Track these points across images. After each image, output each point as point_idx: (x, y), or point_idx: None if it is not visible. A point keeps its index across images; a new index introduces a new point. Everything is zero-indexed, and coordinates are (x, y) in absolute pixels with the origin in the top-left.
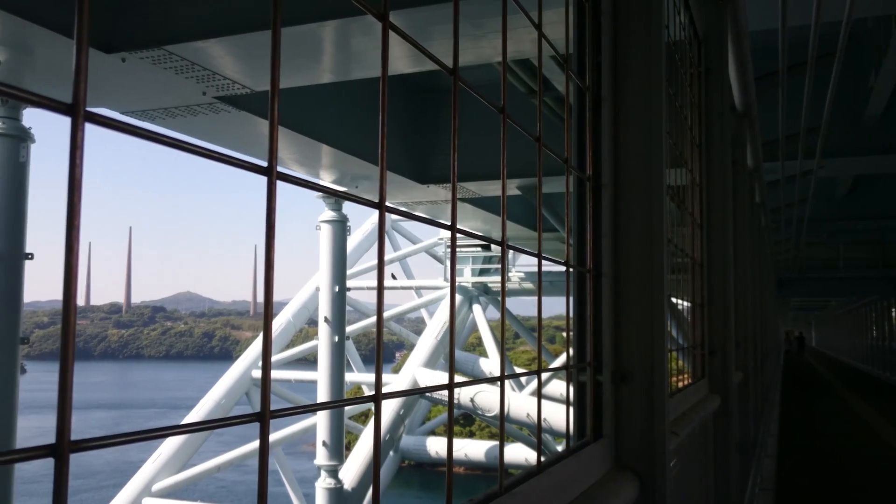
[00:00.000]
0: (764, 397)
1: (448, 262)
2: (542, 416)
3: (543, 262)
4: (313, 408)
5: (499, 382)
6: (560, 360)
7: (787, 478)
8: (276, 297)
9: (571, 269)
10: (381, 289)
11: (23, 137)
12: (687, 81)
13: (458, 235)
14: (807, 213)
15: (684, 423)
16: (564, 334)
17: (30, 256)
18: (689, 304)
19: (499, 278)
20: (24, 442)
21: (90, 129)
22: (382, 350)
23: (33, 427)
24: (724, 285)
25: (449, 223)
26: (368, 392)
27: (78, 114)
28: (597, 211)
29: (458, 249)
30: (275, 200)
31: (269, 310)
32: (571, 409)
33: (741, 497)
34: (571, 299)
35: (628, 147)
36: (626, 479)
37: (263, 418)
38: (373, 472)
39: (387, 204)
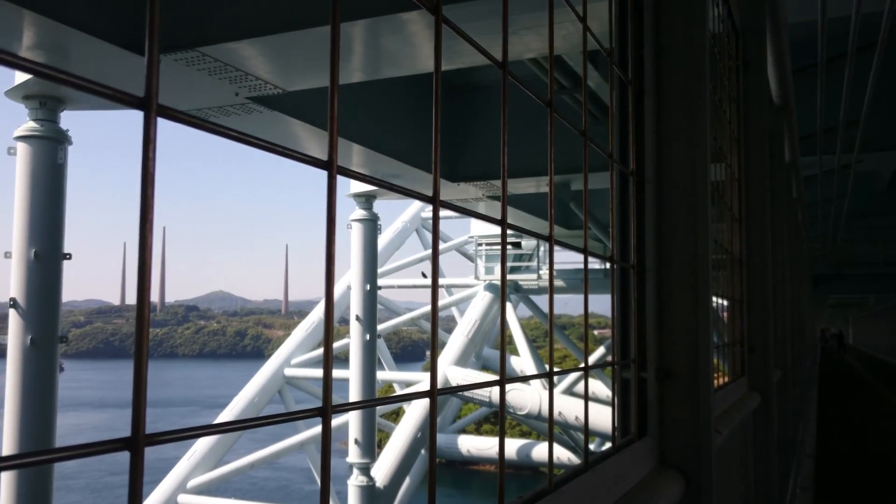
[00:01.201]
0: (801, 396)
1: (479, 261)
2: (575, 415)
3: (577, 259)
4: (373, 403)
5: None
6: (593, 358)
7: (826, 478)
8: (308, 296)
9: (606, 265)
10: (435, 283)
11: (60, 140)
12: (725, 75)
13: (489, 234)
14: (845, 208)
15: (726, 422)
16: (595, 332)
17: (68, 257)
18: (724, 302)
19: (530, 276)
20: (61, 439)
21: (116, 131)
22: (438, 346)
23: (71, 424)
24: (763, 282)
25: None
26: (400, 390)
27: (150, 108)
28: (640, 206)
29: (488, 248)
30: (335, 194)
31: (329, 305)
32: (613, 407)
33: (782, 497)
34: (610, 295)
35: (672, 141)
36: (671, 478)
37: (326, 413)
38: (429, 468)
39: (441, 199)
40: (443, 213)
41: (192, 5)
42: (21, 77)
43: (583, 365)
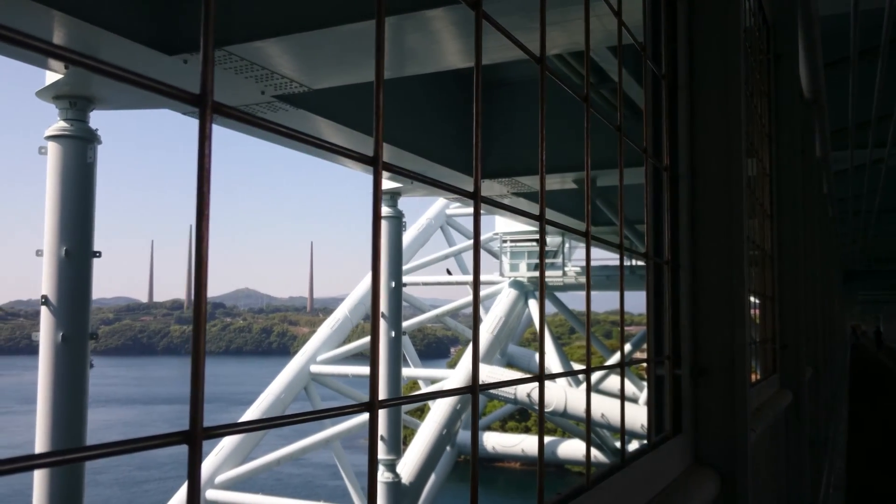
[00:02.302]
0: (832, 393)
1: (504, 258)
2: (601, 412)
3: (603, 255)
4: (419, 398)
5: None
6: (616, 357)
7: (858, 477)
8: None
9: (632, 262)
10: (476, 277)
11: (90, 139)
12: (756, 69)
13: (514, 231)
14: (876, 203)
15: (758, 420)
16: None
17: (97, 254)
18: (754, 299)
19: (554, 273)
20: (92, 434)
21: (136, 128)
22: (479, 344)
23: (101, 420)
24: (795, 278)
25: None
26: (424, 387)
27: (206, 104)
28: (674, 201)
29: (513, 245)
30: (380, 190)
31: (376, 301)
32: (649, 404)
33: (815, 496)
34: (636, 292)
35: (707, 136)
36: (706, 475)
37: (373, 408)
38: (471, 465)
39: (482, 195)
40: (467, 209)
41: (219, 5)
42: (51, 77)
43: (614, 362)
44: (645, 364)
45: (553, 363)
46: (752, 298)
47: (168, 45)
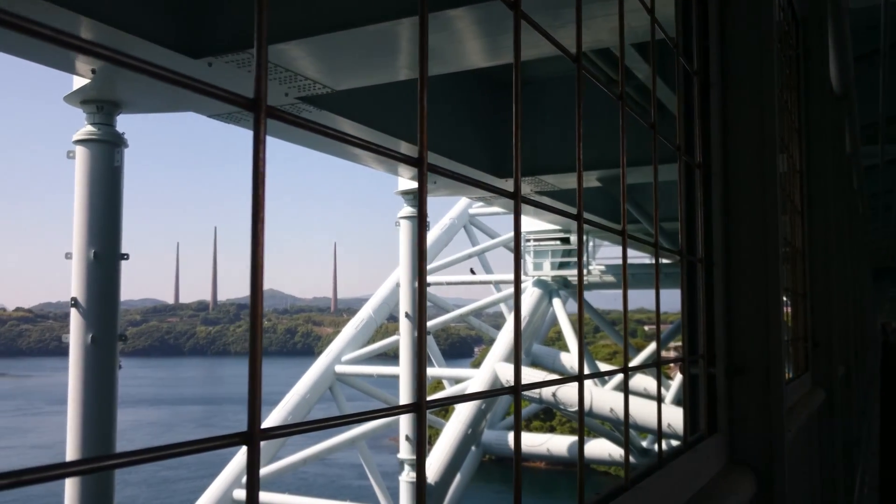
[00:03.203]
0: (864, 392)
1: (528, 256)
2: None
3: (629, 254)
4: (465, 398)
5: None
6: (643, 355)
7: (893, 477)
8: (356, 293)
9: (658, 259)
10: (518, 276)
11: (117, 142)
12: (786, 64)
13: (538, 230)
14: None
15: (792, 419)
16: (646, 328)
17: (125, 257)
18: (784, 296)
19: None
20: (121, 435)
21: (153, 129)
22: (521, 343)
23: (130, 420)
24: (826, 275)
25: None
26: (449, 387)
27: (260, 109)
28: (707, 199)
29: (536, 244)
30: (426, 191)
31: (423, 301)
32: (685, 404)
33: (849, 497)
34: (658, 290)
35: (739, 133)
36: (742, 475)
37: (420, 408)
38: (514, 465)
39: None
40: (491, 209)
41: (242, 8)
42: (79, 82)
43: (642, 361)
44: (674, 363)
45: (578, 364)
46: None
47: (192, 49)
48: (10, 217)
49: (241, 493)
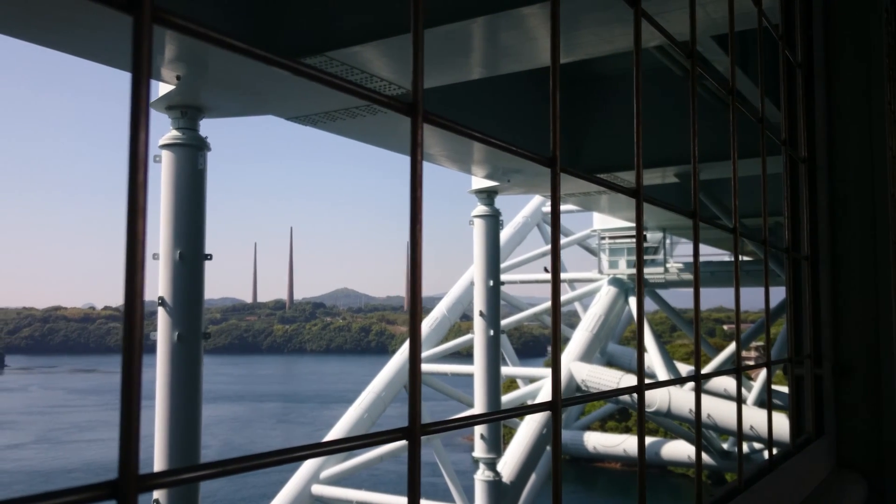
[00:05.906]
0: None
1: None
2: (707, 413)
3: (706, 251)
4: (601, 396)
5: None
6: (722, 356)
7: None
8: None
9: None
10: (640, 274)
11: (200, 146)
12: (885, 53)
13: (612, 227)
14: None
15: None
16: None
17: (209, 257)
18: None
19: (655, 269)
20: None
21: (230, 135)
22: (643, 341)
23: (213, 415)
24: None
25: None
26: (523, 386)
27: (417, 113)
28: (812, 194)
29: (612, 241)
30: (559, 190)
31: (556, 299)
32: (791, 406)
33: None
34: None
35: (847, 126)
36: (852, 479)
37: (556, 407)
38: (638, 467)
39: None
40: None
41: (318, 13)
42: (164, 89)
43: (720, 363)
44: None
45: (655, 364)
46: None
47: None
48: (103, 219)
49: (319, 489)
